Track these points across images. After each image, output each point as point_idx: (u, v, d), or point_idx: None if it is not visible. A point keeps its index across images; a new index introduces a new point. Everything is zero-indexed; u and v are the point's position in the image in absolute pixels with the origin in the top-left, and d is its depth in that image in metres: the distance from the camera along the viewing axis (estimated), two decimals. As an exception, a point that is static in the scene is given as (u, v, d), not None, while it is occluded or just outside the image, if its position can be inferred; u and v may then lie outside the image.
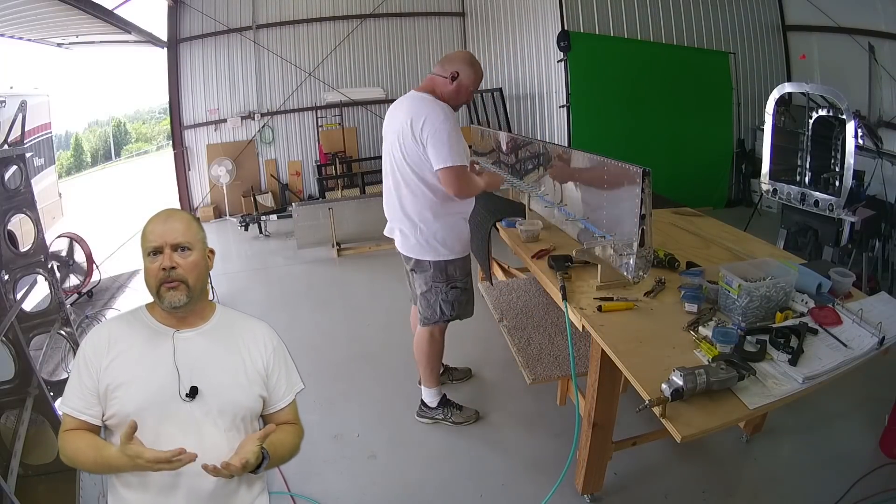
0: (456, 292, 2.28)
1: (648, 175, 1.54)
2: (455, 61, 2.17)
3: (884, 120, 4.94)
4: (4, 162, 2.54)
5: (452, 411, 2.48)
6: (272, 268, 5.39)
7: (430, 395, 2.48)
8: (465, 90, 2.18)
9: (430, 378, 2.46)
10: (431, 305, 2.29)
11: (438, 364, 2.49)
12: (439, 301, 2.27)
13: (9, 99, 5.56)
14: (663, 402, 1.20)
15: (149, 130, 29.20)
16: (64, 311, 2.76)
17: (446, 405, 2.49)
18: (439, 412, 2.48)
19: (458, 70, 2.14)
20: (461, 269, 2.29)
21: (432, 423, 2.49)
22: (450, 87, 2.15)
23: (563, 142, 5.87)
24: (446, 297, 2.27)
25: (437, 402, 2.49)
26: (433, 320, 2.32)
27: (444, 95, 2.15)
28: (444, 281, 2.26)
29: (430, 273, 2.25)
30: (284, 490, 2.09)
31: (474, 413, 2.51)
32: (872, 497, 1.88)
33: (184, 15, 7.42)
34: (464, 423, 2.47)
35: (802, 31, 6.28)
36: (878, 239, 3.43)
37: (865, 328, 1.46)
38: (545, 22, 6.17)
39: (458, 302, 2.29)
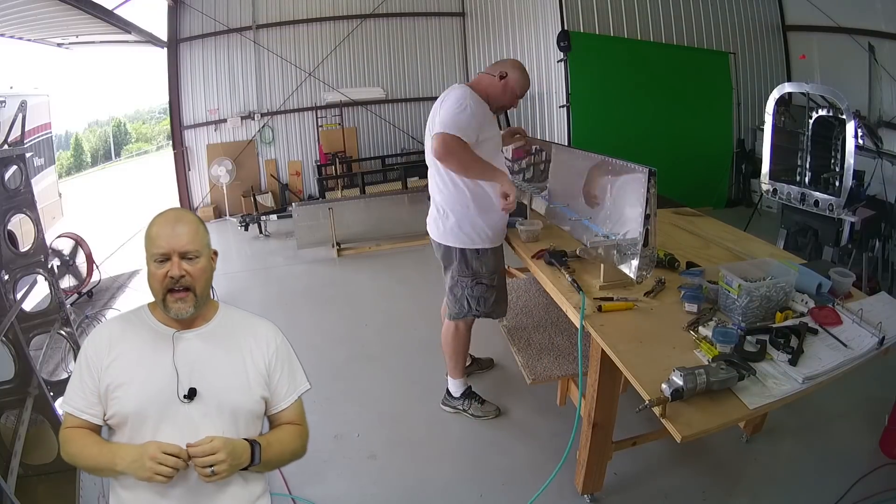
0: (481, 288, 2.29)
1: (654, 175, 1.54)
2: (506, 64, 2.24)
3: (884, 120, 4.94)
4: (4, 162, 2.53)
5: (473, 403, 2.52)
6: (272, 268, 5.39)
7: (455, 386, 2.54)
8: (510, 91, 2.22)
9: (454, 369, 2.52)
10: (458, 300, 2.33)
11: (464, 357, 2.53)
12: (465, 296, 2.31)
13: (9, 99, 5.55)
14: (663, 402, 1.20)
15: (149, 130, 29.18)
16: (64, 311, 2.76)
17: (469, 397, 2.54)
18: (461, 402, 2.53)
19: (507, 71, 2.20)
20: (486, 264, 2.28)
21: (454, 412, 2.55)
22: (497, 84, 2.20)
23: (563, 142, 5.86)
24: (472, 293, 2.29)
25: (461, 392, 2.53)
26: (461, 315, 2.36)
27: (489, 91, 2.21)
28: (469, 276, 2.28)
29: (455, 266, 2.28)
30: (285, 492, 2.09)
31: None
32: (872, 497, 1.88)
33: (184, 15, 7.41)
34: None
35: (802, 31, 6.28)
36: (878, 239, 3.43)
37: (865, 328, 1.46)
38: (545, 22, 6.16)
39: (483, 298, 2.30)
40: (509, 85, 2.20)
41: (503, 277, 2.39)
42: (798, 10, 6.21)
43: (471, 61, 8.33)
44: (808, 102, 3.43)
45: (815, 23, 5.93)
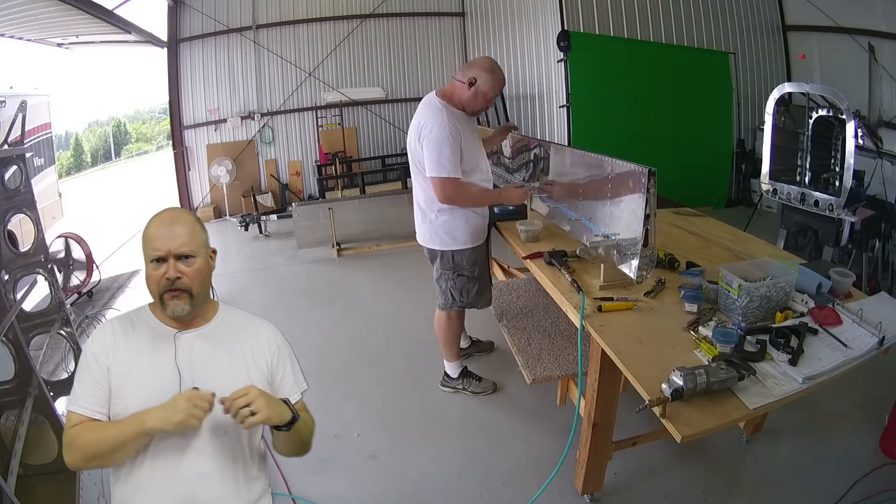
0: (463, 280, 2.41)
1: (654, 175, 1.54)
2: (474, 67, 2.22)
3: (884, 120, 4.93)
4: (4, 162, 2.54)
5: (472, 382, 2.68)
6: (272, 268, 5.39)
7: (452, 368, 2.69)
8: (482, 96, 2.22)
9: (449, 353, 2.67)
10: (444, 292, 2.47)
11: (456, 342, 2.67)
12: (449, 288, 2.44)
13: (9, 99, 5.55)
14: (663, 402, 1.20)
15: (149, 130, 29.20)
16: (64, 311, 2.76)
17: (466, 376, 2.69)
18: (459, 382, 2.68)
19: (475, 76, 2.19)
20: (468, 258, 2.38)
21: (453, 391, 2.69)
22: (467, 93, 2.21)
23: (563, 142, 5.86)
24: (454, 285, 2.42)
25: (458, 373, 2.68)
26: (447, 306, 2.49)
27: (462, 101, 2.23)
28: (451, 269, 2.40)
29: (438, 261, 2.42)
30: (285, 492, 2.09)
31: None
32: (872, 497, 1.88)
33: (184, 15, 7.41)
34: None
35: (802, 31, 6.28)
36: (878, 239, 3.43)
37: (865, 328, 1.46)
38: (545, 22, 6.16)
39: (465, 290, 2.43)
40: (480, 91, 2.20)
41: (486, 269, 2.52)
42: (798, 10, 6.21)
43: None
44: (808, 102, 3.42)
45: (815, 23, 5.92)
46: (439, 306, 2.53)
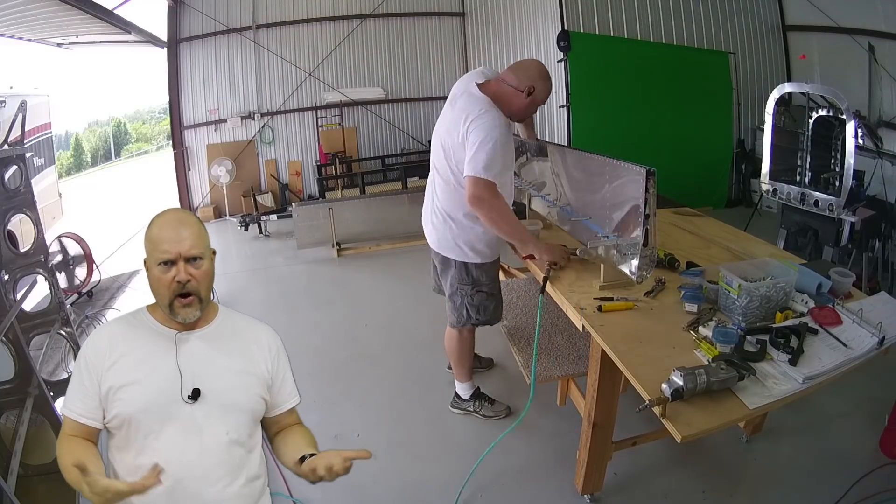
0: (482, 296, 2.23)
1: (653, 175, 1.54)
2: (532, 74, 2.02)
3: (884, 120, 4.94)
4: (4, 162, 2.54)
5: (483, 404, 2.50)
6: (272, 268, 5.39)
7: (463, 389, 2.52)
8: (536, 105, 2.07)
9: (461, 373, 2.50)
10: (458, 309, 2.27)
11: (470, 360, 2.49)
12: (465, 305, 2.24)
13: (9, 99, 5.55)
14: (663, 402, 1.20)
15: (149, 130, 29.20)
16: (64, 311, 2.76)
17: (479, 398, 2.52)
18: (471, 404, 2.51)
19: (534, 85, 2.01)
20: (487, 273, 2.22)
21: (463, 413, 2.53)
22: (524, 102, 2.02)
23: (563, 142, 5.87)
24: (472, 301, 2.23)
25: (469, 394, 2.51)
26: (460, 323, 2.30)
27: (514, 108, 2.04)
28: (469, 284, 2.21)
29: (454, 274, 2.21)
30: (285, 493, 2.09)
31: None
32: (872, 497, 1.88)
33: (184, 15, 7.41)
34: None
35: (802, 31, 6.28)
36: (878, 239, 3.43)
37: (865, 328, 1.46)
38: (545, 22, 6.17)
39: (483, 307, 2.25)
40: (536, 101, 2.04)
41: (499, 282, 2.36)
42: (798, 10, 6.21)
43: (471, 61, 8.32)
44: (808, 102, 3.43)
45: (815, 23, 5.93)
46: (451, 323, 2.35)
